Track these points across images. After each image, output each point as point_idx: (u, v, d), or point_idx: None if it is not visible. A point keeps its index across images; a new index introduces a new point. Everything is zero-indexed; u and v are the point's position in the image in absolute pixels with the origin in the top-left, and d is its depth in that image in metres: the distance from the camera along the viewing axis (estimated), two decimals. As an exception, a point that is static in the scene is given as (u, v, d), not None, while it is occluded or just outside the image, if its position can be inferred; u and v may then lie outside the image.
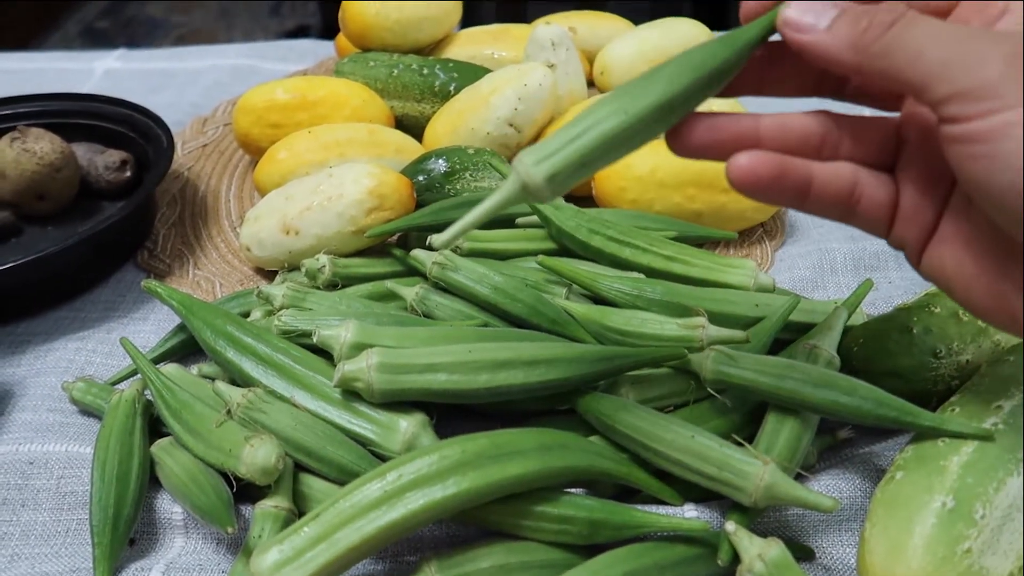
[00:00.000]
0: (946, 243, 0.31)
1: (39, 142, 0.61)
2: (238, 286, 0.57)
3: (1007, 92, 0.25)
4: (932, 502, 0.33)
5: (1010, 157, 0.25)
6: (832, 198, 0.32)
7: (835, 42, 0.29)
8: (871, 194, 0.32)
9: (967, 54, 0.26)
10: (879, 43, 0.28)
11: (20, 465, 0.44)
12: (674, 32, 0.74)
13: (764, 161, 0.30)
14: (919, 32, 0.27)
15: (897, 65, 0.28)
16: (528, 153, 0.30)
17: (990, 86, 0.26)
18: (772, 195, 0.31)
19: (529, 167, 0.30)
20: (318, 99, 0.66)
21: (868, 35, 0.28)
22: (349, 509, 0.34)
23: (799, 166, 0.31)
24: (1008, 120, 0.25)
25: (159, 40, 2.59)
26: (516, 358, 0.40)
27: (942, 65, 0.26)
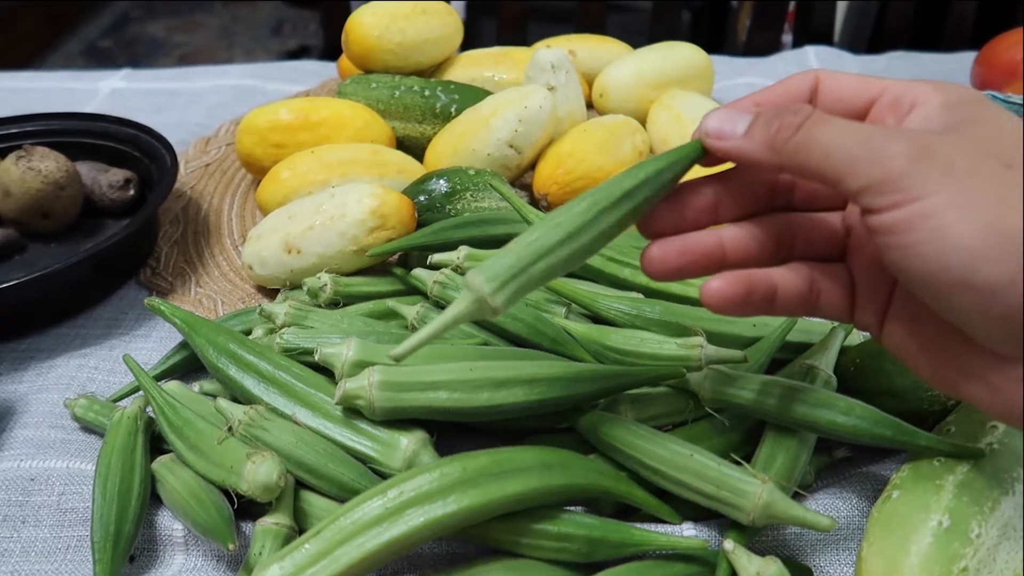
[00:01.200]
0: (896, 322, 0.33)
1: (44, 161, 0.62)
2: (240, 304, 0.58)
3: (911, 185, 0.27)
4: (928, 521, 0.34)
5: (918, 247, 0.27)
6: (794, 301, 0.34)
7: (753, 146, 0.31)
8: (828, 288, 0.34)
9: (870, 150, 0.28)
10: (791, 143, 0.30)
11: (21, 481, 0.44)
12: (672, 55, 0.75)
13: (732, 282, 0.33)
14: (826, 131, 0.29)
15: (811, 161, 0.30)
16: (478, 274, 0.31)
17: (894, 179, 0.27)
18: (745, 310, 0.33)
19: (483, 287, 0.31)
20: (321, 120, 0.67)
21: (780, 136, 0.30)
22: (350, 526, 0.34)
23: (762, 278, 0.33)
24: (911, 212, 0.27)
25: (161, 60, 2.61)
26: (516, 376, 0.41)
27: (850, 161, 0.28)
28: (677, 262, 0.34)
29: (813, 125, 0.30)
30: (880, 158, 0.28)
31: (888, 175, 0.27)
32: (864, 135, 0.29)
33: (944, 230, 0.26)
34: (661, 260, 0.34)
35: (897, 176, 0.27)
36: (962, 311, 0.27)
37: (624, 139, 0.65)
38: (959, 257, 0.26)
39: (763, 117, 0.32)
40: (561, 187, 0.62)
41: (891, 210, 0.27)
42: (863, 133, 0.29)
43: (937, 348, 0.31)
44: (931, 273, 0.27)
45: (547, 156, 0.64)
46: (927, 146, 0.28)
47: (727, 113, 0.33)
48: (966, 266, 0.26)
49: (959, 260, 0.26)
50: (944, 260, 0.27)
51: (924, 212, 0.27)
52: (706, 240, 0.34)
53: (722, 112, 0.33)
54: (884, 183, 0.27)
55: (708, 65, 0.76)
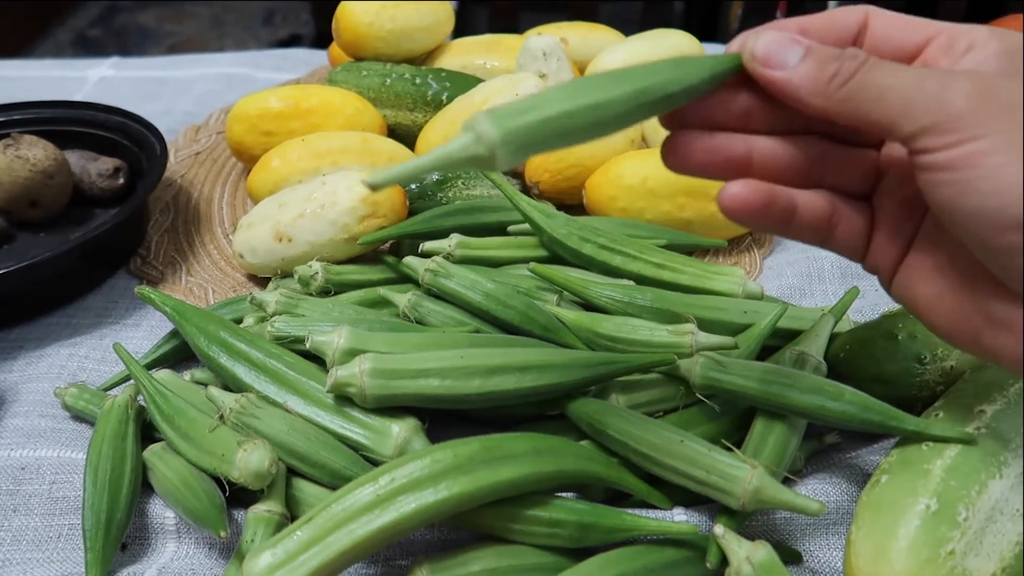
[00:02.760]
0: (915, 267, 0.33)
1: (32, 149, 0.61)
2: (231, 293, 0.58)
3: (970, 124, 0.27)
4: (916, 505, 0.34)
5: (974, 183, 0.27)
6: (812, 225, 0.33)
7: (802, 84, 0.30)
8: (848, 222, 0.33)
9: (928, 93, 0.28)
10: (843, 90, 0.29)
11: (12, 470, 0.44)
12: (664, 43, 0.74)
13: (754, 190, 0.31)
14: (880, 76, 0.29)
15: (863, 109, 0.29)
16: (487, 112, 0.27)
17: (954, 119, 0.27)
18: (759, 221, 0.32)
19: (485, 124, 0.27)
20: (311, 107, 0.66)
21: (834, 83, 0.29)
22: (341, 513, 0.34)
23: (784, 195, 0.32)
24: (971, 150, 0.27)
25: (151, 49, 2.59)
26: (508, 364, 0.41)
27: (905, 105, 0.28)
28: (700, 159, 0.32)
29: (869, 71, 0.29)
30: (939, 99, 0.27)
31: (948, 116, 0.27)
32: (920, 77, 0.28)
33: (1005, 168, 0.26)
34: (684, 153, 0.32)
35: (957, 116, 0.27)
36: (1006, 253, 0.27)
37: (616, 127, 0.64)
38: (1012, 196, 0.26)
39: (817, 56, 0.30)
40: (553, 175, 0.62)
41: (948, 149, 0.27)
42: (919, 76, 0.28)
43: (961, 295, 0.31)
44: (985, 211, 0.27)
45: (539, 144, 0.64)
46: (987, 87, 0.27)
47: (778, 38, 0.30)
48: (1019, 205, 0.26)
49: (1012, 199, 0.26)
50: (1002, 198, 0.26)
51: (985, 150, 0.26)
52: (735, 145, 0.32)
53: (773, 35, 0.31)
54: (943, 124, 0.27)
55: (700, 52, 0.76)
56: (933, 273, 0.32)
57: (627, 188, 0.58)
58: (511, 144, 0.27)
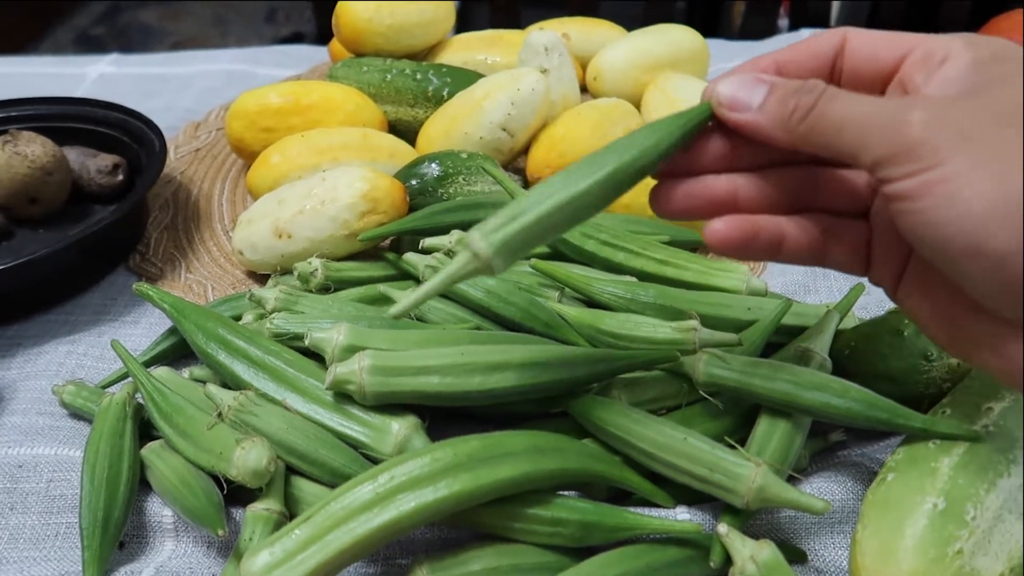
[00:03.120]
0: (911, 282, 0.33)
1: (31, 145, 0.61)
2: (230, 289, 0.57)
3: (925, 153, 0.27)
4: (923, 503, 0.34)
5: (930, 212, 0.27)
6: (802, 251, 0.33)
7: (767, 121, 0.31)
8: (843, 241, 0.34)
9: (883, 123, 0.28)
10: (805, 123, 0.30)
11: (9, 468, 0.44)
12: (666, 38, 0.74)
13: (736, 226, 0.32)
14: (838, 107, 0.29)
15: (825, 140, 0.30)
16: (477, 229, 0.31)
17: (909, 148, 0.27)
18: (746, 254, 0.33)
19: (478, 242, 0.30)
20: (311, 104, 0.66)
21: (794, 118, 0.30)
22: (340, 511, 0.34)
23: (770, 226, 0.33)
24: (927, 179, 0.27)
25: (153, 47, 2.59)
26: (509, 361, 0.40)
27: (862, 136, 0.28)
28: (687, 204, 0.33)
29: (826, 102, 0.30)
30: (894, 129, 0.28)
31: (903, 145, 0.27)
32: (876, 108, 0.29)
33: (955, 196, 0.26)
34: (671, 200, 0.33)
35: (912, 145, 0.27)
36: (972, 278, 0.27)
37: (618, 122, 0.64)
38: (970, 223, 0.26)
39: (779, 93, 0.31)
40: (554, 171, 0.61)
41: (906, 179, 0.27)
42: (875, 106, 0.29)
43: (949, 314, 0.31)
44: (943, 239, 0.27)
45: (540, 139, 0.64)
46: (942, 113, 0.27)
47: (742, 81, 0.32)
48: (977, 232, 0.26)
49: (970, 226, 0.26)
50: (955, 226, 0.26)
51: (937, 179, 0.27)
52: (719, 185, 0.33)
53: (736, 79, 0.32)
54: (899, 153, 0.27)
55: (703, 48, 0.75)
56: (925, 292, 0.33)
57: (629, 184, 0.57)
58: (502, 255, 0.30)
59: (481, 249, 0.30)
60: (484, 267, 0.30)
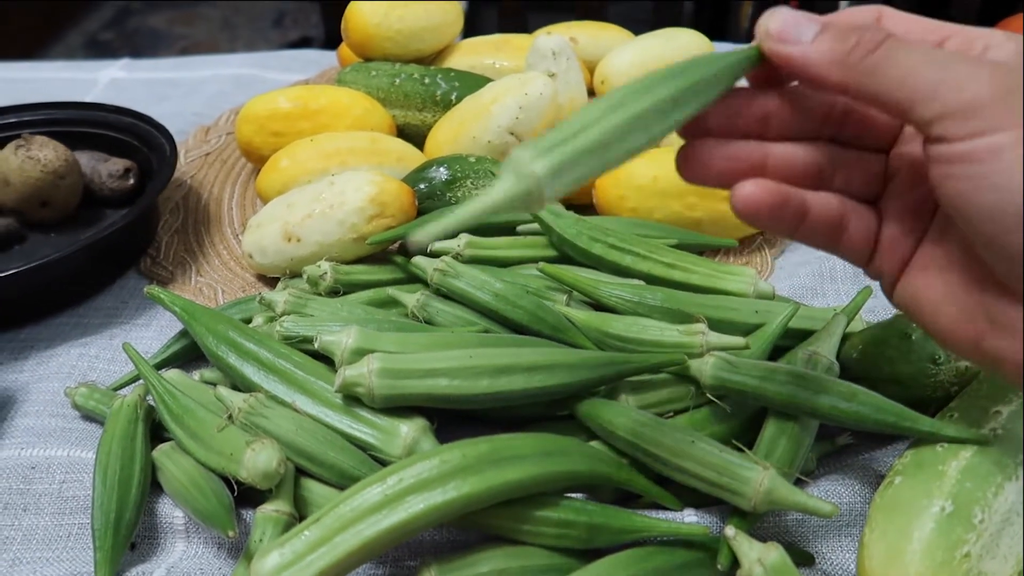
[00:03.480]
0: (919, 271, 0.32)
1: (43, 150, 0.61)
2: (240, 293, 0.58)
3: (995, 115, 0.26)
4: (931, 507, 0.34)
5: (990, 177, 0.26)
6: (823, 227, 0.32)
7: (820, 57, 0.29)
8: (856, 225, 0.33)
9: (956, 75, 0.27)
10: (867, 61, 0.28)
11: (22, 470, 0.44)
12: (674, 42, 0.74)
13: (768, 190, 0.31)
14: (908, 53, 0.28)
15: (884, 84, 0.28)
16: (525, 148, 0.27)
17: (979, 107, 0.26)
18: (772, 222, 0.31)
19: (529, 163, 0.26)
20: (320, 108, 0.66)
21: (856, 53, 0.28)
22: (349, 513, 0.34)
23: (798, 196, 0.31)
24: (995, 142, 0.26)
25: (162, 52, 2.60)
26: (517, 364, 0.41)
27: (931, 85, 0.27)
28: (718, 167, 0.32)
29: (893, 45, 0.28)
30: (964, 85, 0.26)
31: (971, 103, 0.26)
32: (948, 60, 0.27)
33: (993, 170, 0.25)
34: (702, 162, 0.32)
35: (981, 105, 0.26)
36: (1017, 254, 0.26)
37: (625, 126, 0.64)
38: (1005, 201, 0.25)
39: (836, 28, 0.29)
40: (562, 175, 0.62)
41: (968, 139, 0.26)
42: (947, 58, 0.27)
43: (965, 297, 0.30)
44: (998, 208, 0.26)
45: (548, 144, 0.64)
46: (1012, 79, 0.26)
47: (793, 15, 0.30)
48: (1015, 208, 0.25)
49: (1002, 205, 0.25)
50: (1017, 196, 0.25)
51: (1005, 144, 0.25)
52: (751, 152, 0.32)
53: (786, 13, 0.30)
54: (965, 111, 0.26)
55: (710, 51, 0.75)
56: (938, 276, 0.31)
57: (637, 188, 0.58)
58: (556, 179, 0.26)
59: (534, 170, 0.26)
60: (533, 192, 0.26)
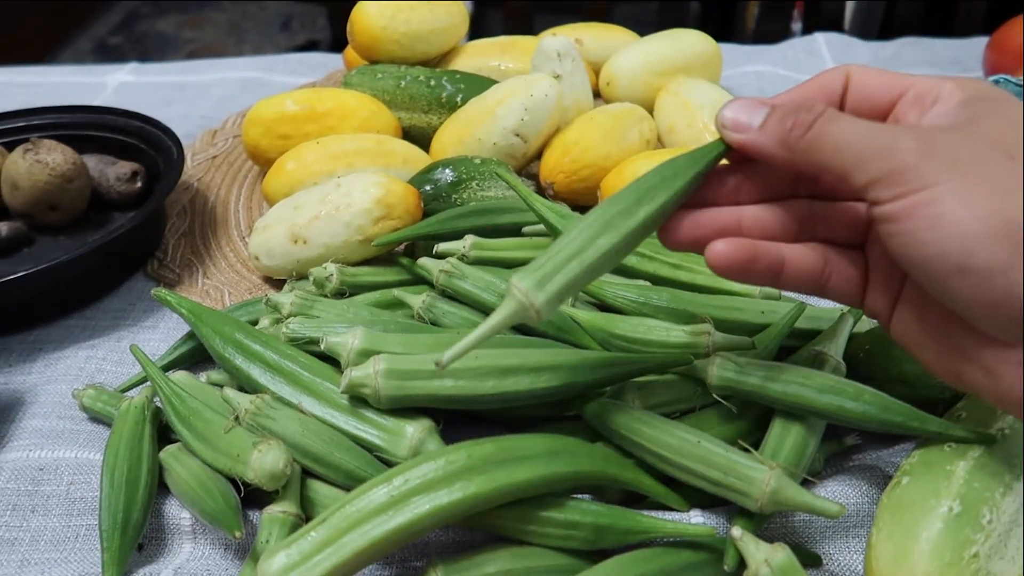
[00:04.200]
0: (904, 310, 0.34)
1: (52, 153, 0.62)
2: (247, 295, 0.58)
3: (915, 177, 0.28)
4: (938, 507, 0.33)
5: (919, 233, 0.28)
6: (804, 277, 0.35)
7: (767, 140, 0.33)
8: (841, 271, 0.35)
9: (880, 145, 0.29)
10: (803, 140, 0.31)
11: (30, 471, 0.44)
12: (679, 43, 0.74)
13: (738, 248, 0.33)
14: (837, 129, 0.31)
15: (821, 158, 0.31)
16: (524, 278, 0.32)
17: (900, 172, 0.29)
18: (746, 277, 0.34)
19: (528, 292, 0.32)
20: (326, 111, 0.66)
21: (793, 133, 0.32)
22: (356, 514, 0.34)
23: (771, 250, 0.34)
24: (913, 202, 0.28)
25: (170, 56, 2.61)
26: (522, 364, 0.41)
27: (857, 157, 0.30)
28: (694, 235, 0.35)
29: (824, 123, 0.31)
30: (887, 153, 0.29)
31: (894, 168, 0.29)
32: (872, 132, 0.30)
33: (944, 216, 0.28)
34: (679, 232, 0.35)
35: (903, 169, 0.29)
36: (961, 297, 0.29)
37: (631, 127, 0.64)
38: (958, 242, 0.27)
39: (778, 112, 0.33)
40: (567, 176, 0.62)
41: (895, 200, 0.29)
42: (871, 130, 0.30)
43: (941, 335, 0.32)
44: (931, 259, 0.28)
45: (553, 145, 0.64)
46: (933, 141, 0.29)
47: (744, 104, 0.34)
48: (964, 251, 0.27)
49: (958, 245, 0.27)
50: (943, 245, 0.28)
51: (926, 200, 0.28)
52: (724, 217, 0.35)
53: (740, 103, 0.34)
54: (890, 176, 0.29)
55: (716, 52, 0.75)
56: (918, 316, 0.33)
57: (642, 188, 0.58)
58: (552, 306, 0.33)
59: (533, 302, 0.32)
60: (533, 317, 0.32)
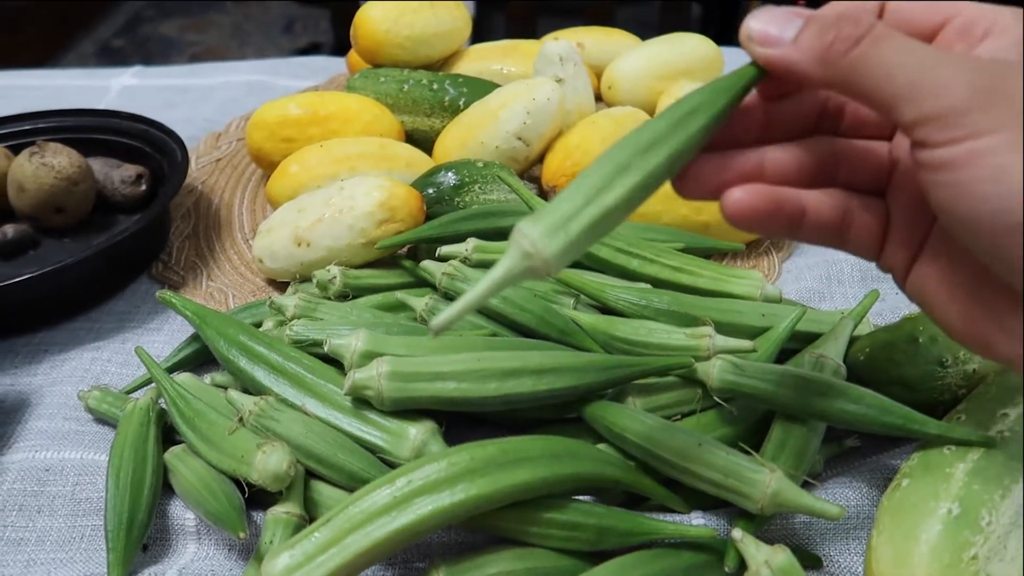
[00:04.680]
0: (927, 269, 0.31)
1: (57, 156, 0.62)
2: (250, 297, 0.58)
3: (972, 121, 0.25)
4: (938, 509, 0.34)
5: (972, 186, 0.25)
6: (824, 226, 0.31)
7: (802, 56, 0.28)
8: (861, 220, 0.32)
9: (935, 79, 0.26)
10: (846, 59, 0.27)
11: (36, 472, 0.45)
12: (681, 47, 0.74)
13: (758, 195, 0.30)
14: (887, 51, 0.27)
15: (865, 83, 0.27)
16: (532, 223, 0.27)
17: (956, 113, 0.25)
18: (767, 227, 0.31)
19: (537, 240, 0.27)
20: (330, 114, 0.67)
21: (836, 48, 0.27)
22: (359, 515, 0.34)
23: (792, 197, 0.31)
24: (972, 149, 0.25)
25: (173, 59, 2.62)
26: (524, 367, 0.41)
27: (909, 88, 0.26)
28: (716, 179, 0.31)
29: (875, 41, 0.27)
30: (944, 87, 0.25)
31: (951, 107, 0.25)
32: (931, 60, 0.26)
33: (1006, 169, 0.25)
34: (699, 177, 0.31)
35: (961, 110, 0.25)
36: (1012, 257, 0.25)
37: (633, 131, 0.64)
38: (1015, 200, 0.24)
39: (817, 23, 0.28)
40: (570, 179, 0.62)
41: (949, 145, 0.25)
42: (930, 57, 0.26)
43: (972, 298, 0.29)
44: (985, 214, 0.25)
45: (555, 148, 0.64)
46: (996, 79, 0.25)
47: (776, 13, 0.29)
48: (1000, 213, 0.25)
49: (1014, 203, 0.24)
50: (1002, 202, 0.25)
51: (986, 149, 0.25)
52: (747, 159, 0.31)
53: (770, 11, 0.29)
54: (946, 116, 0.25)
55: (717, 56, 0.76)
56: (944, 276, 0.30)
57: (644, 192, 0.58)
58: (564, 258, 0.27)
59: (542, 251, 0.27)
60: (541, 271, 0.27)
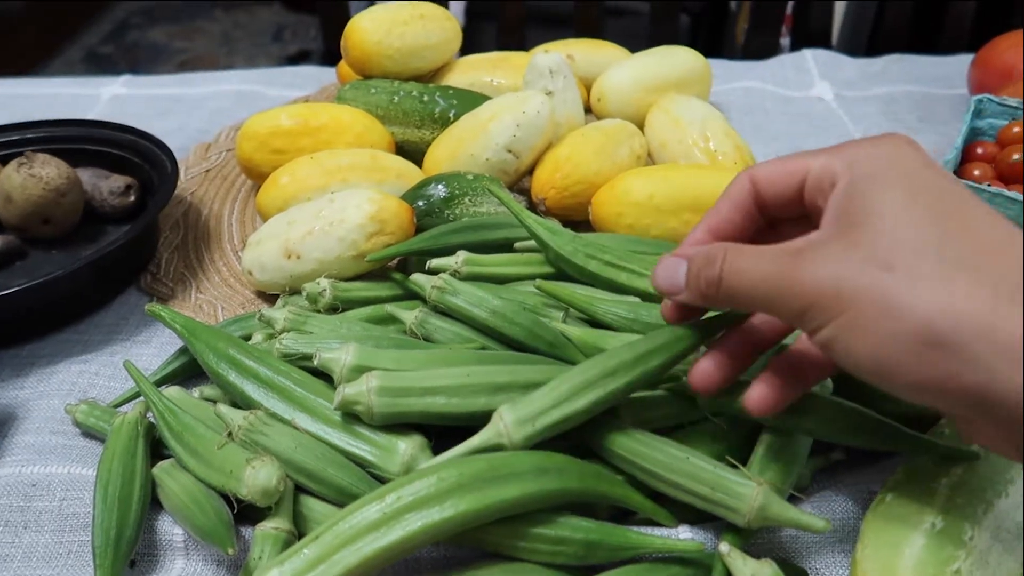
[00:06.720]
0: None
1: (45, 167, 0.62)
2: (240, 310, 0.58)
3: (828, 305, 0.30)
4: (922, 523, 0.34)
5: (850, 355, 0.30)
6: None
7: (693, 297, 0.35)
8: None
9: (782, 285, 0.31)
10: (720, 293, 0.33)
11: (23, 487, 0.44)
12: (670, 59, 0.75)
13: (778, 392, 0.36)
14: (739, 277, 0.32)
15: (743, 304, 0.33)
16: (510, 410, 0.37)
17: (811, 305, 0.30)
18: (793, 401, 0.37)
19: (510, 426, 0.37)
20: (320, 125, 0.67)
21: (710, 291, 0.34)
22: (348, 531, 0.34)
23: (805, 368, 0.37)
24: (827, 337, 0.30)
25: (162, 66, 2.62)
26: (513, 381, 0.41)
27: (770, 300, 0.32)
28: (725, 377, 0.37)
29: (728, 273, 0.33)
30: (789, 295, 0.31)
31: (806, 301, 0.30)
32: (775, 267, 0.31)
33: (851, 349, 0.30)
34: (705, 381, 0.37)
35: (813, 300, 0.30)
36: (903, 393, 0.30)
37: (622, 143, 0.65)
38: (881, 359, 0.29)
39: (693, 268, 0.34)
40: (559, 191, 0.63)
41: (821, 329, 0.30)
42: (774, 264, 0.31)
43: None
44: (867, 373, 0.30)
45: (545, 161, 0.65)
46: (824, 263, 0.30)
47: (667, 266, 0.36)
48: (881, 375, 0.29)
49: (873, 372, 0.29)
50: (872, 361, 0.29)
51: (831, 337, 0.30)
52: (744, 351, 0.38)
53: (663, 265, 0.36)
54: (801, 316, 0.31)
55: (706, 69, 0.76)
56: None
57: (633, 204, 0.58)
58: (527, 442, 0.38)
59: (512, 435, 0.37)
60: (509, 448, 0.37)
